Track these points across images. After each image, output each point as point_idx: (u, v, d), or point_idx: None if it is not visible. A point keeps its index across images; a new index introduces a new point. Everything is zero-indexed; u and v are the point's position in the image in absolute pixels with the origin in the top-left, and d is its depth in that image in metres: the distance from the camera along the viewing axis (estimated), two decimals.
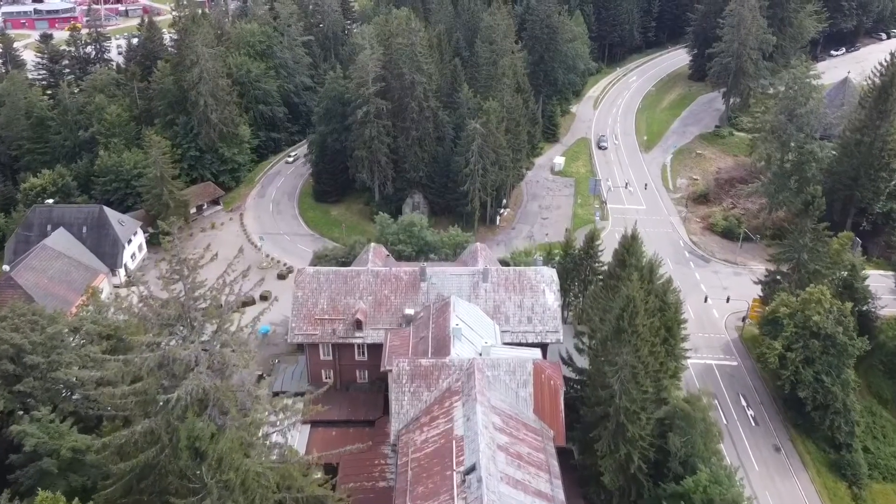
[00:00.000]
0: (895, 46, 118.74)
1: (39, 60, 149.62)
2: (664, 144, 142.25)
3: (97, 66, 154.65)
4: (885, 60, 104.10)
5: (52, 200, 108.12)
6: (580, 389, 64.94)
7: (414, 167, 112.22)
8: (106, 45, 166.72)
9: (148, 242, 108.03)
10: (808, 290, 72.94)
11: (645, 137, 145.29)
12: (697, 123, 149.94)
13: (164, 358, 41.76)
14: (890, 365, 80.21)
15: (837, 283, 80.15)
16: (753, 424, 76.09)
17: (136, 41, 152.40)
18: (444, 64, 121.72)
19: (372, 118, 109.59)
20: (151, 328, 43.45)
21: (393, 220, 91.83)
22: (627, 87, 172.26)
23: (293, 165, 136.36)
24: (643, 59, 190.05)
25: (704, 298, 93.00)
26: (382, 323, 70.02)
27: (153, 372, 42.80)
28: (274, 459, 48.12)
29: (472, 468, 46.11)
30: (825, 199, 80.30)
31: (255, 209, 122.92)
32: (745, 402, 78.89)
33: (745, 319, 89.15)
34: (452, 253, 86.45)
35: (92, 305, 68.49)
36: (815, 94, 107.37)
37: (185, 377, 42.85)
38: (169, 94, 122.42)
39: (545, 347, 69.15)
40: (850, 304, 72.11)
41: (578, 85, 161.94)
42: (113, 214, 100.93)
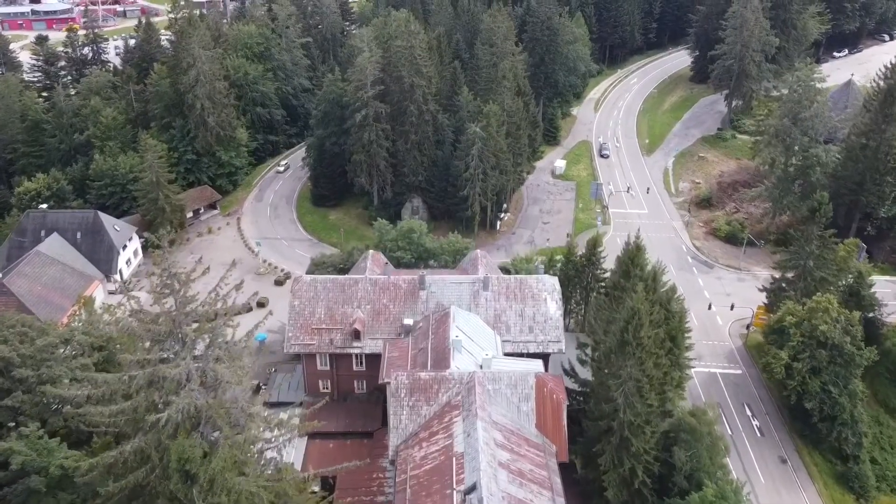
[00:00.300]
0: None
1: (35, 62, 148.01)
2: (666, 147, 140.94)
3: (94, 67, 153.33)
4: (889, 63, 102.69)
5: (46, 205, 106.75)
6: (583, 401, 63.57)
7: (413, 171, 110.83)
8: (103, 46, 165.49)
9: (143, 248, 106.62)
10: (814, 298, 71.55)
11: (646, 140, 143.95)
12: (699, 126, 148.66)
13: (153, 376, 40.33)
14: None
15: (844, 290, 78.84)
16: (759, 435, 74.65)
17: (132, 42, 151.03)
18: (443, 66, 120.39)
19: (370, 122, 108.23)
20: (142, 344, 41.96)
21: (392, 225, 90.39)
22: (629, 88, 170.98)
23: (293, 168, 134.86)
24: (644, 60, 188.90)
25: (708, 306, 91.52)
26: (381, 333, 68.62)
27: (143, 390, 41.37)
28: (269, 475, 46.80)
29: (472, 487, 44.72)
30: (830, 203, 78.94)
31: (252, 213, 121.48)
32: (749, 411, 77.47)
33: (749, 327, 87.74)
34: (452, 260, 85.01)
35: (84, 315, 66.99)
36: (819, 97, 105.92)
37: (176, 394, 41.50)
38: (165, 96, 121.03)
39: (547, 358, 67.80)
40: (857, 313, 70.66)
41: (579, 87, 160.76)
42: (108, 220, 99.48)
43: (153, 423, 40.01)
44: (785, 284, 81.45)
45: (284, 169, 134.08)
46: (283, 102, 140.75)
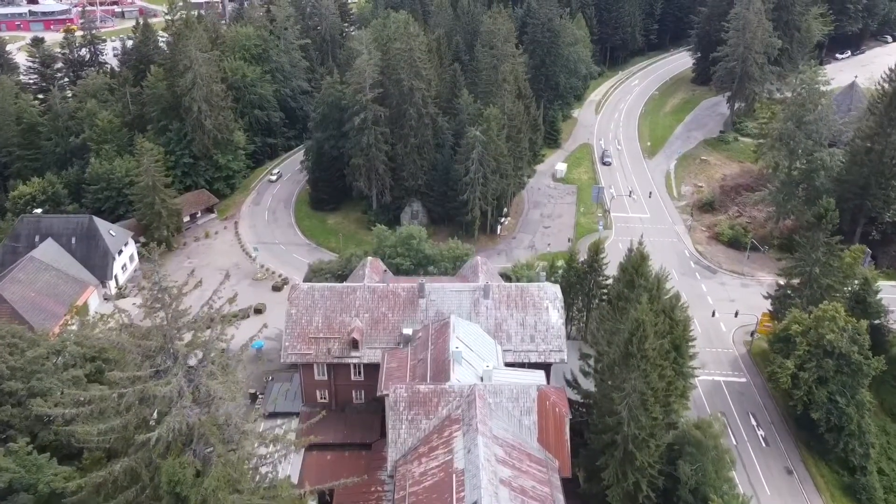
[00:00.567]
0: None
1: (31, 64, 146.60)
2: (668, 150, 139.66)
3: (91, 69, 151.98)
4: (894, 65, 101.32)
5: (40, 210, 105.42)
6: (586, 413, 62.32)
7: (412, 175, 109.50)
8: (101, 47, 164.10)
9: (139, 253, 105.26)
10: (821, 306, 70.23)
11: (648, 143, 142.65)
12: (701, 128, 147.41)
13: (144, 393, 39.07)
14: None
15: (850, 297, 77.58)
16: (764, 445, 73.35)
17: (130, 44, 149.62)
18: (443, 69, 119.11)
19: (369, 125, 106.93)
20: (132, 360, 40.69)
21: (391, 231, 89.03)
22: (630, 90, 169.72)
23: (290, 171, 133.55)
24: (645, 62, 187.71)
25: (712, 313, 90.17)
26: (379, 342, 67.27)
27: (133, 407, 40.11)
28: (264, 490, 45.57)
29: None
30: (836, 210, 77.61)
31: (250, 217, 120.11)
32: (754, 421, 76.15)
33: (753, 334, 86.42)
34: (452, 266, 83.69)
35: (76, 325, 65.67)
36: (823, 100, 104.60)
37: (168, 411, 40.26)
38: (162, 99, 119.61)
39: (549, 367, 66.49)
40: (865, 321, 69.36)
41: (580, 89, 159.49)
42: (103, 225, 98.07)
43: (143, 442, 38.79)
44: (790, 291, 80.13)
45: (277, 178, 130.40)
46: (281, 105, 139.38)
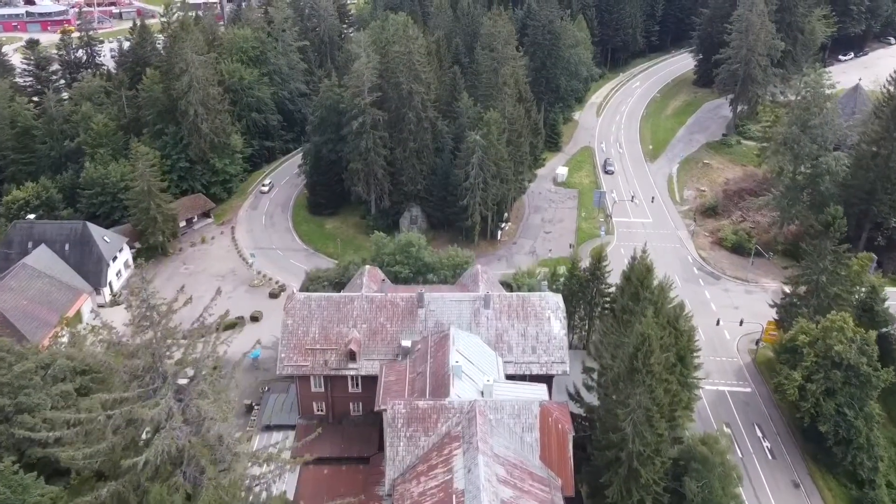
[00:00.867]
0: None
1: (26, 67, 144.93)
2: (670, 153, 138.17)
3: (88, 70, 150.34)
4: None
5: (34, 215, 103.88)
6: (589, 427, 60.81)
7: (412, 180, 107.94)
8: (98, 48, 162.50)
9: (134, 259, 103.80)
10: (829, 317, 68.73)
11: (650, 146, 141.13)
12: (704, 131, 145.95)
13: (131, 416, 37.55)
14: None
15: (857, 305, 76.10)
16: (770, 458, 71.89)
17: (127, 45, 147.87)
18: (442, 71, 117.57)
19: (368, 129, 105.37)
20: (119, 380, 39.18)
21: (389, 238, 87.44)
22: (631, 92, 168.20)
23: (288, 174, 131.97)
24: (646, 63, 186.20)
25: (717, 322, 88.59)
26: (377, 353, 65.82)
27: (120, 430, 38.62)
28: None
29: None
30: (844, 218, 76.12)
31: (247, 222, 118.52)
32: (760, 432, 74.69)
33: (758, 342, 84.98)
34: (452, 274, 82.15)
35: (66, 337, 64.12)
36: (828, 103, 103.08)
37: (156, 433, 38.79)
38: (158, 102, 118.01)
39: (550, 380, 65.03)
40: (873, 332, 67.87)
41: (581, 91, 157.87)
42: (97, 230, 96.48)
43: (130, 466, 37.27)
44: (797, 300, 78.63)
45: (269, 188, 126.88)
46: (279, 107, 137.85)
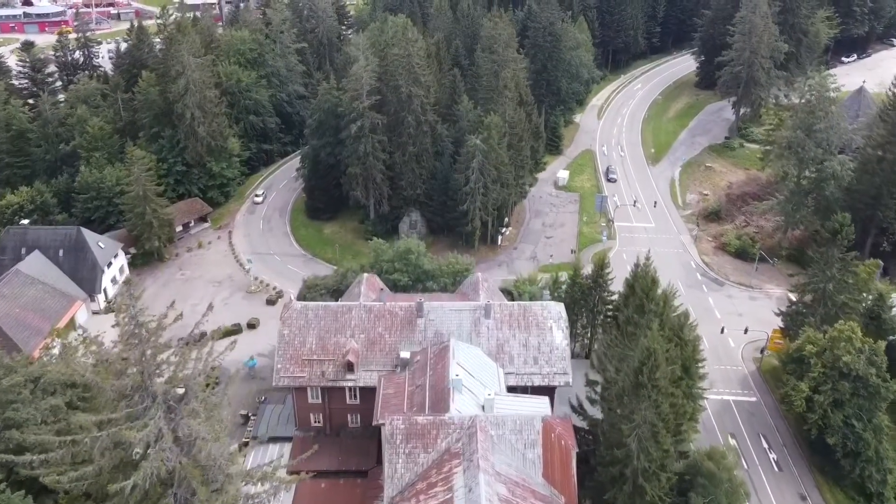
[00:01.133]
0: None
1: (21, 69, 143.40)
2: (672, 157, 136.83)
3: (85, 72, 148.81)
4: None
5: (27, 221, 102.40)
6: (592, 440, 59.42)
7: (411, 184, 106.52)
8: (96, 50, 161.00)
9: (130, 264, 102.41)
10: (836, 326, 67.31)
11: (652, 149, 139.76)
12: (706, 134, 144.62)
13: (118, 437, 36.14)
14: None
15: (864, 313, 74.70)
16: (776, 469, 70.43)
17: (124, 46, 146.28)
18: (442, 74, 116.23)
19: (366, 133, 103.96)
20: (106, 400, 37.77)
21: (388, 244, 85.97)
22: (632, 95, 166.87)
23: (287, 178, 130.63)
24: (648, 65, 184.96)
25: (721, 330, 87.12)
26: (376, 364, 64.40)
27: (108, 451, 37.20)
28: None
29: None
30: (852, 225, 74.69)
31: (244, 226, 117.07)
32: (766, 443, 73.23)
33: (763, 351, 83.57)
34: (451, 282, 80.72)
35: (57, 348, 62.68)
36: (833, 107, 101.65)
37: (146, 454, 37.37)
38: (154, 105, 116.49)
39: (553, 391, 63.64)
40: (882, 342, 66.45)
41: (582, 94, 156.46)
42: (91, 236, 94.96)
43: (118, 491, 35.86)
44: (803, 308, 77.20)
45: (263, 199, 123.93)
46: (277, 110, 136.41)
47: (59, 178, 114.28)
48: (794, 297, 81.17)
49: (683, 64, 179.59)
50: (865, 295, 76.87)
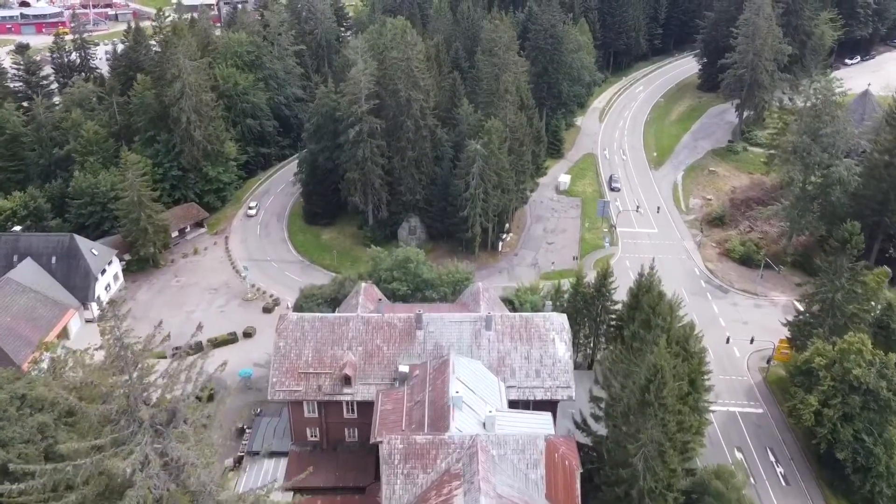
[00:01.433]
0: None
1: (15, 72, 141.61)
2: (675, 160, 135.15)
3: (82, 74, 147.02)
4: None
5: (20, 227, 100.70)
6: (596, 458, 57.74)
7: (410, 190, 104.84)
8: (92, 51, 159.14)
9: (125, 271, 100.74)
10: (846, 338, 65.71)
11: (654, 153, 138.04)
12: (709, 137, 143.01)
13: (102, 465, 34.49)
14: None
15: (872, 323, 73.07)
16: (784, 484, 68.79)
17: (121, 48, 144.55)
18: (442, 77, 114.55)
19: (365, 137, 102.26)
20: (89, 425, 36.13)
21: (387, 252, 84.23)
22: (634, 97, 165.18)
23: (285, 182, 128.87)
24: (650, 67, 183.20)
25: (727, 339, 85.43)
26: (374, 377, 62.75)
27: (93, 479, 35.56)
28: None
29: None
30: (861, 234, 73.05)
31: (241, 231, 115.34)
32: (773, 456, 71.62)
33: (770, 361, 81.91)
34: (451, 291, 79.04)
35: (46, 362, 61.00)
36: (840, 111, 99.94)
37: (131, 482, 35.72)
38: (149, 109, 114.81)
39: (555, 405, 62.01)
40: (893, 354, 64.77)
41: (583, 96, 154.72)
42: (84, 243, 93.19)
43: None
44: (811, 319, 75.54)
45: (256, 211, 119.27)
46: (275, 113, 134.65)
47: (53, 182, 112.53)
48: (800, 306, 79.55)
49: (685, 66, 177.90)
50: (874, 304, 75.32)
